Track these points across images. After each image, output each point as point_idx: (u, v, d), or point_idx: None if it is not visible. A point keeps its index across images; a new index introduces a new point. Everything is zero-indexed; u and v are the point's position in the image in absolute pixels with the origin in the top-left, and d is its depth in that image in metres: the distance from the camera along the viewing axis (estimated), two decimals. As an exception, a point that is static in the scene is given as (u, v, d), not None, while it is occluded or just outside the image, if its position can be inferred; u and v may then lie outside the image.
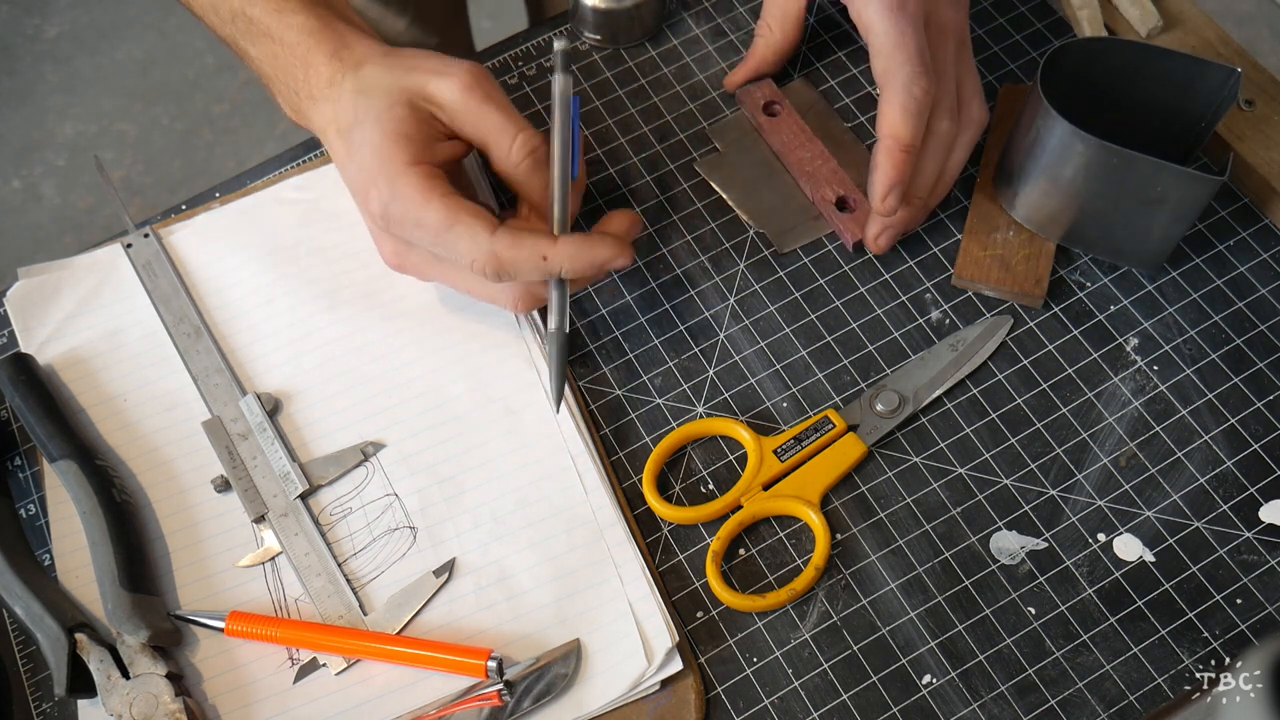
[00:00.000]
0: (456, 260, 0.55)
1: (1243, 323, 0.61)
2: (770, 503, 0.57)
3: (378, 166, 0.54)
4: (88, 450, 0.58)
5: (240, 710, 0.54)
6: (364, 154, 0.55)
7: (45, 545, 0.58)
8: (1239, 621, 0.53)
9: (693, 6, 0.73)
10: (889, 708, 0.53)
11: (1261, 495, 0.56)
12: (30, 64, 1.92)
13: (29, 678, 0.56)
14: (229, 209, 0.67)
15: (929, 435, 0.59)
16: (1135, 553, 0.55)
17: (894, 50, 0.58)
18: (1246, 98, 0.64)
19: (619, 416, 0.60)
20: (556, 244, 0.55)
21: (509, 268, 0.54)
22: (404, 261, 0.58)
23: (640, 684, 0.53)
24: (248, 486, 0.58)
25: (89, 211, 1.78)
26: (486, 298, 0.59)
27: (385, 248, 0.59)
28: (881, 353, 0.61)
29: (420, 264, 0.58)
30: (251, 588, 0.57)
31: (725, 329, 0.62)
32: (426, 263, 0.58)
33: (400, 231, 0.56)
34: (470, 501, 0.58)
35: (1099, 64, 0.59)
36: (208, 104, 1.87)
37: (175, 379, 0.62)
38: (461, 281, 0.58)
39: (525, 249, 0.54)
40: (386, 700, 0.54)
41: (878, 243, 0.62)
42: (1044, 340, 0.61)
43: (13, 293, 0.64)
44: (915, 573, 0.55)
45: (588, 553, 0.56)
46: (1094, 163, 0.57)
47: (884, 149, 0.58)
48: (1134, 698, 0.52)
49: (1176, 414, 0.58)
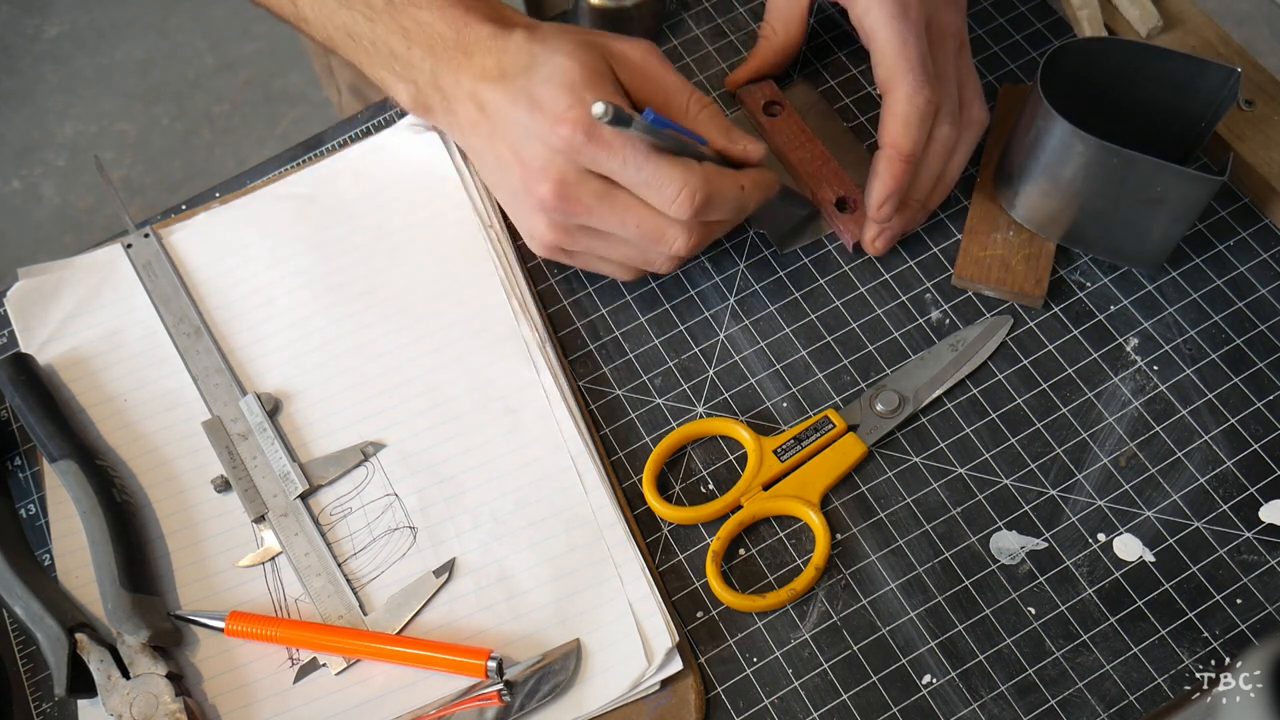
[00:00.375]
0: (661, 191, 0.54)
1: (1243, 323, 0.61)
2: (770, 503, 0.57)
3: (572, 98, 0.54)
4: (88, 450, 0.58)
5: (240, 710, 0.54)
6: (548, 89, 0.54)
7: (45, 545, 0.58)
8: (1239, 621, 0.53)
9: (693, 7, 0.73)
10: (889, 708, 0.53)
11: (1261, 495, 0.56)
12: (30, 64, 1.92)
13: (29, 678, 0.56)
14: (229, 209, 0.67)
15: (929, 435, 0.59)
16: (1135, 553, 0.55)
17: (896, 58, 0.58)
18: (1246, 98, 0.64)
19: (619, 416, 0.60)
20: (747, 173, 0.58)
21: (715, 197, 0.55)
22: (566, 230, 0.58)
23: (640, 684, 0.53)
24: (248, 486, 0.58)
25: (89, 211, 1.78)
26: (640, 263, 0.59)
27: (542, 220, 0.57)
28: (881, 353, 0.61)
29: (584, 233, 0.58)
30: (251, 588, 0.57)
31: (725, 329, 0.62)
32: (592, 230, 0.57)
33: (594, 163, 0.55)
34: (470, 501, 0.58)
35: (1099, 64, 0.59)
36: (208, 104, 1.87)
37: (175, 379, 0.62)
38: (617, 249, 0.58)
39: (728, 177, 0.56)
40: (386, 700, 0.54)
41: (875, 244, 0.62)
42: (1044, 340, 0.61)
43: (13, 293, 0.64)
44: (915, 573, 0.55)
45: (588, 553, 0.56)
46: (1094, 163, 0.57)
47: (884, 158, 0.58)
48: (1134, 698, 0.52)
49: (1176, 414, 0.58)
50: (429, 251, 0.64)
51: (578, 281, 0.64)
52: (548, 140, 0.55)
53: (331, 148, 0.69)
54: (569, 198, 0.56)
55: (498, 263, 0.63)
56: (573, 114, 0.54)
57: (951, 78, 0.60)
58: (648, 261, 0.59)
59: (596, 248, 0.59)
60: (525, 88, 0.55)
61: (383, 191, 0.66)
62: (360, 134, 0.69)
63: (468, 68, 0.57)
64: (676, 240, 0.57)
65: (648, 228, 0.56)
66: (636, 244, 0.58)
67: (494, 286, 0.63)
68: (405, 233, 0.65)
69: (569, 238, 0.58)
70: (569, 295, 0.64)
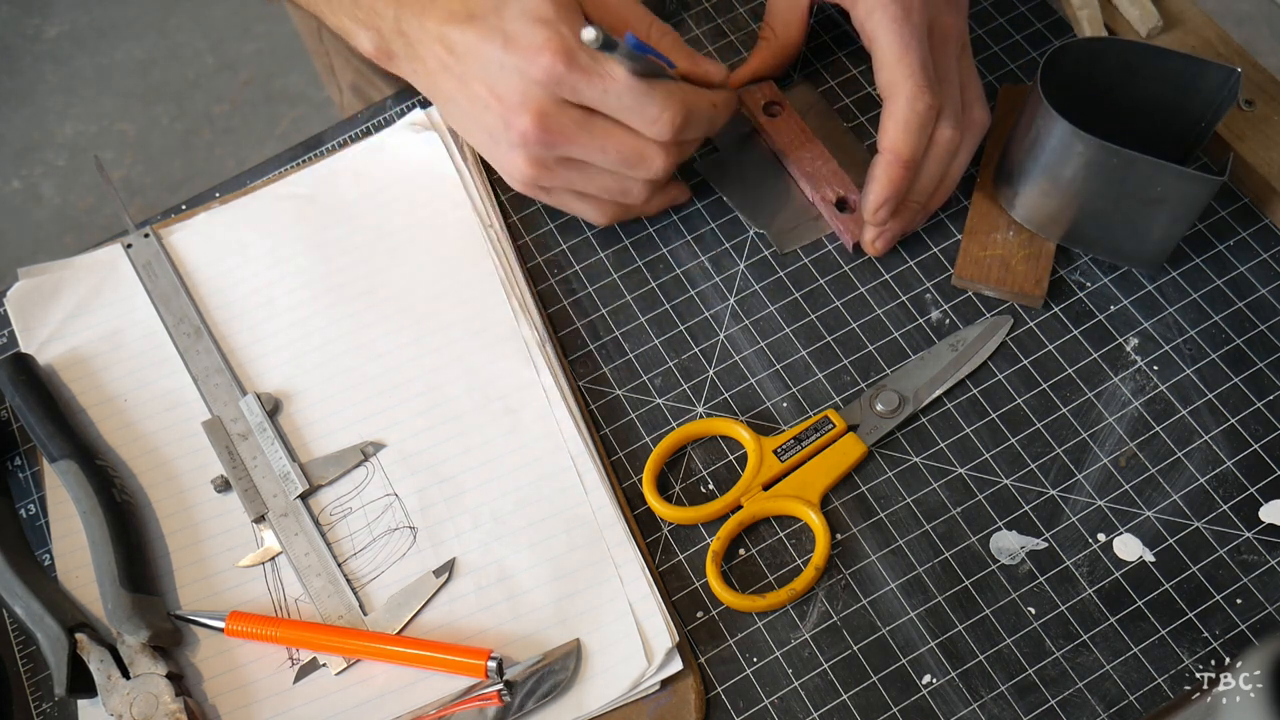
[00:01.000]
0: (643, 113, 0.55)
1: (1243, 323, 0.61)
2: (770, 503, 0.57)
3: (549, 30, 0.54)
4: (88, 450, 0.58)
5: (240, 710, 0.54)
6: (522, 24, 0.55)
7: (45, 545, 0.58)
8: (1239, 621, 0.53)
9: (693, 7, 0.73)
10: (889, 708, 0.53)
11: (1261, 495, 0.56)
12: (30, 64, 1.92)
13: (29, 678, 0.56)
14: (229, 209, 0.67)
15: (929, 435, 0.59)
16: (1135, 553, 0.55)
17: (897, 63, 0.58)
18: (1246, 98, 0.64)
19: (619, 416, 0.60)
20: (716, 93, 0.59)
21: (692, 116, 0.56)
22: (545, 165, 0.58)
23: (640, 684, 0.53)
24: (248, 486, 0.58)
25: (89, 211, 1.78)
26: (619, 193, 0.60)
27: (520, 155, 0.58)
28: (881, 353, 0.61)
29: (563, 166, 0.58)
30: (251, 588, 0.57)
31: (725, 329, 0.62)
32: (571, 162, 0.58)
33: (574, 92, 0.55)
34: (470, 501, 0.58)
35: (1099, 64, 0.59)
36: (208, 104, 1.87)
37: (175, 379, 0.62)
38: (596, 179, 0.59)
39: (702, 96, 0.58)
40: (386, 700, 0.54)
41: (875, 245, 0.62)
42: (1044, 340, 0.61)
43: (13, 293, 0.64)
44: (915, 573, 0.55)
45: (588, 553, 0.56)
46: (1094, 163, 0.57)
47: (883, 163, 0.58)
48: (1134, 698, 0.52)
49: (1176, 414, 0.58)
50: (429, 251, 0.64)
51: (578, 281, 0.64)
52: (526, 72, 0.55)
53: (331, 148, 0.69)
54: (549, 129, 0.56)
55: (498, 263, 0.63)
56: (551, 44, 0.54)
57: (953, 80, 0.60)
58: (625, 191, 0.60)
59: (575, 181, 0.59)
60: (497, 26, 0.56)
61: (383, 191, 0.66)
62: (360, 134, 0.69)
63: (432, 11, 0.57)
64: (655, 161, 0.58)
65: (627, 151, 0.57)
66: (616, 170, 0.58)
67: (494, 286, 0.63)
68: (405, 233, 0.65)
69: (548, 173, 0.59)
70: (569, 295, 0.64)
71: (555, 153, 0.57)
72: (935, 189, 0.62)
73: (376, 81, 0.88)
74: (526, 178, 0.59)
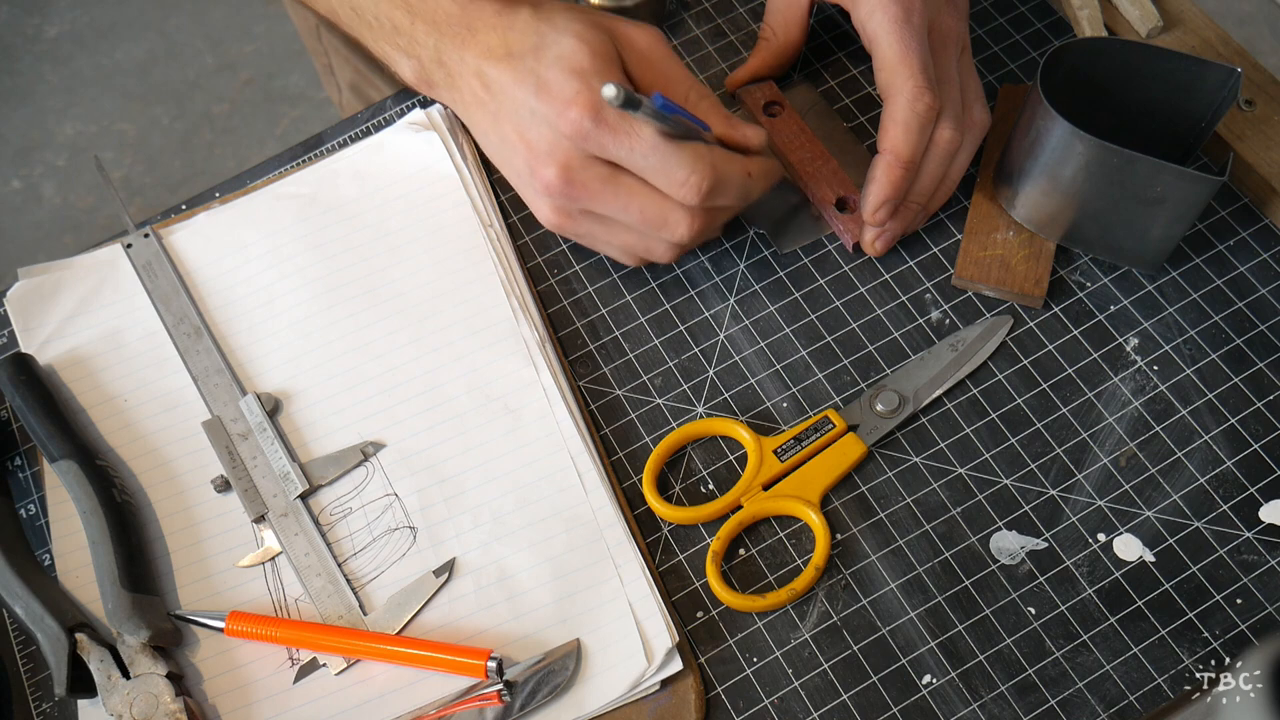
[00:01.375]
0: (669, 175, 0.54)
1: (1243, 323, 0.61)
2: (770, 503, 0.57)
3: (580, 83, 0.54)
4: (88, 450, 0.58)
5: (240, 710, 0.54)
6: (556, 73, 0.54)
7: (45, 545, 0.58)
8: (1239, 621, 0.53)
9: (693, 7, 0.73)
10: (889, 708, 0.53)
11: (1261, 495, 0.56)
12: (30, 64, 1.92)
13: (29, 678, 0.56)
14: (229, 209, 0.67)
15: (929, 435, 0.59)
16: (1135, 553, 0.55)
17: (898, 64, 0.58)
18: (1246, 98, 0.64)
19: (619, 416, 0.60)
20: (753, 160, 0.58)
21: (722, 182, 0.55)
22: (569, 215, 0.58)
23: (640, 684, 0.53)
24: (248, 486, 0.58)
25: (89, 211, 1.78)
26: (641, 250, 0.59)
27: (545, 203, 0.58)
28: (881, 353, 0.61)
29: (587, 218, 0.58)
30: (251, 588, 0.57)
31: (725, 329, 0.62)
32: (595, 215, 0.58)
33: (600, 149, 0.55)
34: (470, 501, 0.58)
35: (1099, 64, 0.59)
36: (208, 104, 1.87)
37: (175, 379, 0.62)
38: (619, 234, 0.58)
39: (735, 162, 0.57)
40: (386, 700, 0.54)
41: (875, 245, 0.62)
42: (1044, 340, 0.61)
43: (13, 293, 0.64)
44: (915, 573, 0.55)
45: (588, 553, 0.56)
46: (1094, 163, 0.57)
47: (883, 163, 0.58)
48: (1134, 698, 0.52)
49: (1176, 414, 0.58)
50: (429, 251, 0.64)
51: (578, 281, 0.64)
52: (555, 124, 0.55)
53: (331, 147, 0.69)
54: (574, 182, 0.56)
55: (498, 263, 0.63)
56: (581, 99, 0.54)
57: (954, 81, 0.60)
58: (648, 249, 0.59)
59: (598, 233, 0.59)
60: (533, 69, 0.55)
61: (383, 191, 0.66)
62: (360, 134, 0.69)
63: (472, 44, 0.58)
64: (680, 225, 0.57)
65: (651, 213, 0.56)
66: (639, 229, 0.58)
67: (494, 286, 0.63)
68: (405, 232, 0.65)
69: (571, 221, 0.59)
70: (569, 295, 0.64)
71: (579, 205, 0.57)
72: (935, 189, 0.62)
73: (376, 81, 0.88)
74: (550, 224, 0.59)
